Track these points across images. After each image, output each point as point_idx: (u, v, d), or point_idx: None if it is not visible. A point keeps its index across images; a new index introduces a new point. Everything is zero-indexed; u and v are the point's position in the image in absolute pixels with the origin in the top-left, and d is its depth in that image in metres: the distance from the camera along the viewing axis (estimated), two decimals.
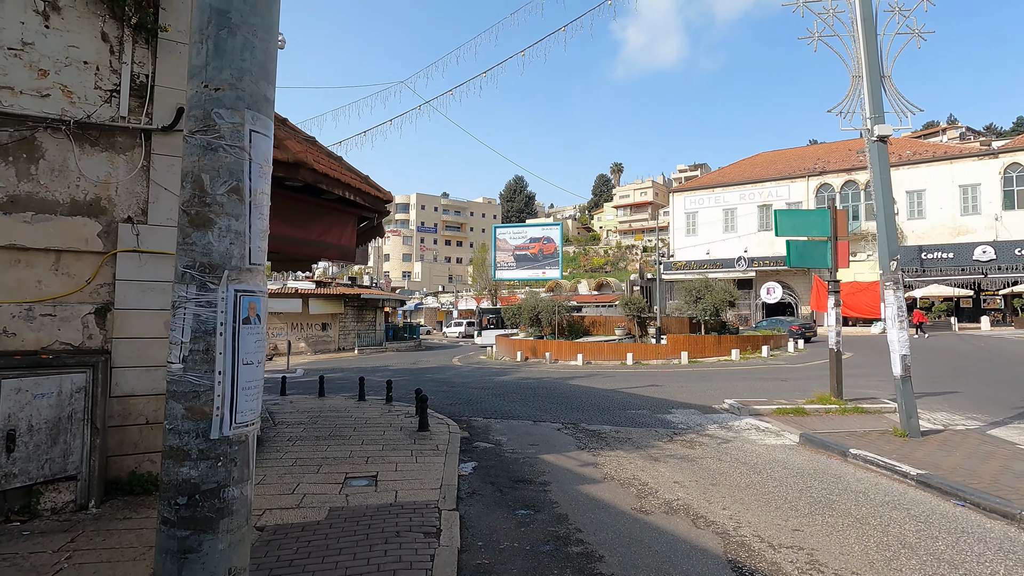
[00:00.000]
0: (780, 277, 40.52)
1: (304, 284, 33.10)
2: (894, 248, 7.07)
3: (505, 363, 22.95)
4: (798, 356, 21.06)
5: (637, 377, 16.49)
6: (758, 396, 11.77)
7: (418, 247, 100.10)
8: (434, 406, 11.35)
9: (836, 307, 9.81)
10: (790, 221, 9.80)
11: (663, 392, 12.85)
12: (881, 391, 11.97)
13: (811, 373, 16.16)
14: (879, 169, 7.18)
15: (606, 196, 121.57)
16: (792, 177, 42.27)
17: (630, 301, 22.76)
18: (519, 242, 55.71)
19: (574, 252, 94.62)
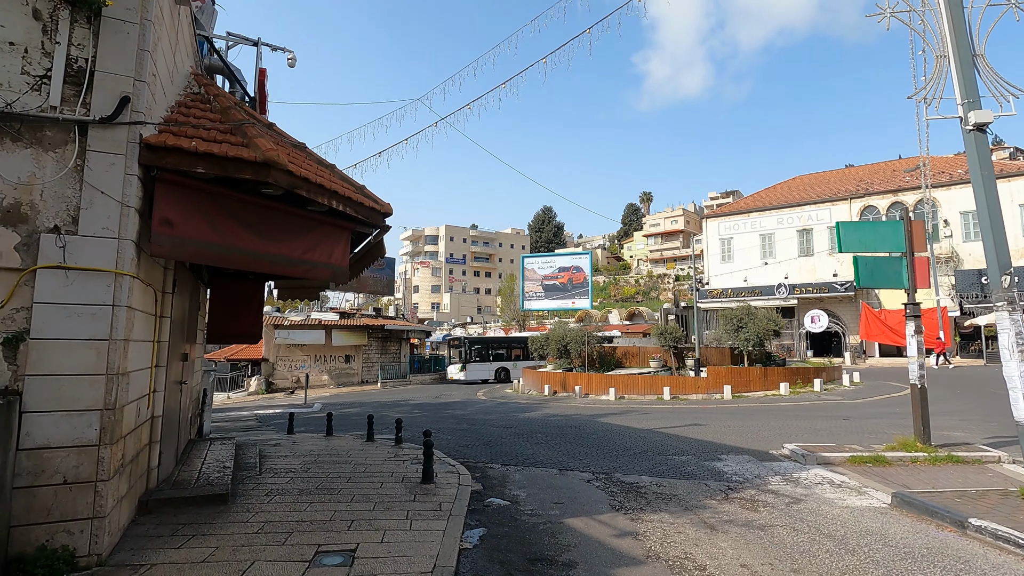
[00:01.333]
0: (824, 305, 38.23)
1: (328, 315, 32.60)
2: (1005, 260, 5.67)
3: (532, 398, 21.57)
4: (855, 391, 19.07)
5: (676, 414, 14.92)
6: (821, 439, 10.15)
7: (447, 278, 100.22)
8: (449, 448, 10.15)
9: (917, 335, 8.29)
10: (856, 235, 8.42)
11: (708, 433, 11.32)
12: (967, 433, 10.23)
13: (875, 411, 14.32)
14: (979, 164, 5.85)
15: (636, 225, 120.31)
16: (833, 200, 40.30)
17: (665, 330, 21.24)
18: (548, 272, 54.71)
19: (604, 282, 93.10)
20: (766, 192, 47.66)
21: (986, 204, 5.78)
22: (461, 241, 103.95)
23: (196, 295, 8.69)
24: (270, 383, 29.78)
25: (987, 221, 5.76)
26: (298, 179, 5.11)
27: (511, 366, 31.25)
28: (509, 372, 30.80)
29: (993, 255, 5.69)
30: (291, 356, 30.56)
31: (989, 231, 5.74)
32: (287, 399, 25.94)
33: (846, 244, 8.42)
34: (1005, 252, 5.71)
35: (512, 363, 31.41)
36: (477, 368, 30.90)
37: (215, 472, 6.45)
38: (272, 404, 23.17)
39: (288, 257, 5.73)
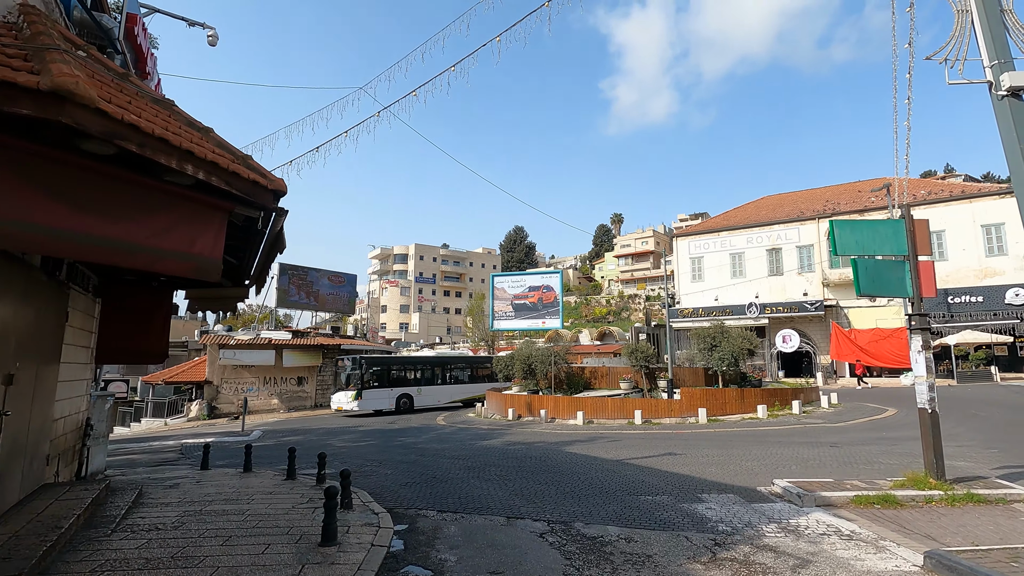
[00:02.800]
0: (795, 324, 37.80)
1: (279, 334, 30.43)
2: None
3: (495, 423, 19.96)
4: (835, 413, 18.06)
5: (648, 441, 13.55)
6: (814, 472, 8.88)
7: (416, 298, 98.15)
8: (382, 488, 8.53)
9: (925, 351, 7.12)
10: (852, 235, 7.27)
11: (685, 465, 9.95)
12: (972, 463, 9.11)
13: (863, 436, 13.21)
14: (1017, 137, 4.73)
15: (607, 246, 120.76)
16: (801, 219, 40.27)
17: (636, 349, 20.00)
18: (518, 291, 53.46)
19: (575, 302, 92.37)
20: (735, 211, 47.62)
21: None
22: (431, 260, 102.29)
23: (56, 301, 6.97)
24: (213, 408, 27.39)
25: None
26: (120, 125, 3.59)
27: (415, 392, 26.03)
28: (412, 400, 25.78)
29: None
30: (238, 378, 28.25)
31: None
32: (229, 425, 23.68)
33: (842, 246, 7.26)
34: None
35: (417, 388, 26.24)
36: (376, 396, 24.90)
37: (32, 537, 4.74)
38: (209, 432, 20.96)
39: (125, 242, 4.17)
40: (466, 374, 29.27)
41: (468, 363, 30.75)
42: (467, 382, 28.79)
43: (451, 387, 27.93)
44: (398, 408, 25.17)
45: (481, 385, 28.15)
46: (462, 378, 28.89)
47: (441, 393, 27.32)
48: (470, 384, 28.70)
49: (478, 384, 28.58)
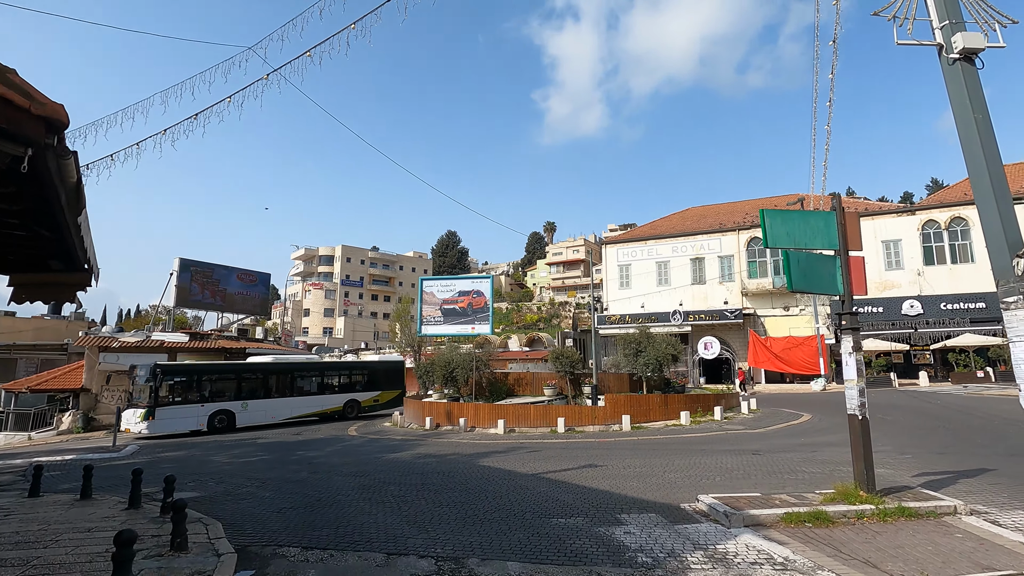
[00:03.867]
0: (716, 332, 38.85)
1: (174, 336, 27.34)
2: (1015, 236, 3.95)
3: (411, 433, 18.53)
4: (755, 419, 18.09)
5: (570, 451, 12.69)
6: (738, 483, 8.27)
7: (342, 301, 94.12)
8: (249, 515, 7.07)
9: (856, 352, 6.62)
10: (784, 226, 6.69)
11: (605, 478, 9.10)
12: (892, 470, 8.84)
13: (784, 442, 13.00)
14: (970, 106, 4.17)
15: (539, 254, 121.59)
16: (723, 230, 41.63)
17: (561, 355, 19.27)
18: (447, 295, 51.95)
19: (507, 308, 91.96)
20: (662, 221, 48.68)
21: (984, 161, 4.09)
22: (359, 263, 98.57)
23: None
24: (90, 419, 24.05)
25: (986, 184, 4.06)
26: None
27: (239, 407, 21.01)
28: (234, 418, 20.82)
29: (998, 227, 3.96)
30: (122, 386, 24.99)
31: (991, 196, 4.03)
32: (105, 439, 20.70)
33: (773, 238, 6.66)
34: (1014, 225, 3.99)
35: (242, 402, 21.15)
36: (178, 414, 19.74)
37: None
38: (76, 448, 18.11)
39: None
40: (321, 382, 24.07)
41: (323, 369, 25.07)
42: (320, 392, 23.72)
43: (295, 400, 22.65)
44: (212, 428, 20.17)
45: (343, 396, 24.24)
46: (311, 388, 23.61)
47: (279, 408, 22.16)
48: (328, 395, 23.90)
49: (342, 394, 24.33)
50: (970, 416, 16.31)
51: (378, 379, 26.42)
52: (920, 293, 34.40)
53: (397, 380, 27.67)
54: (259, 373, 22.72)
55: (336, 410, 23.90)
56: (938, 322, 33.31)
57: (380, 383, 26.33)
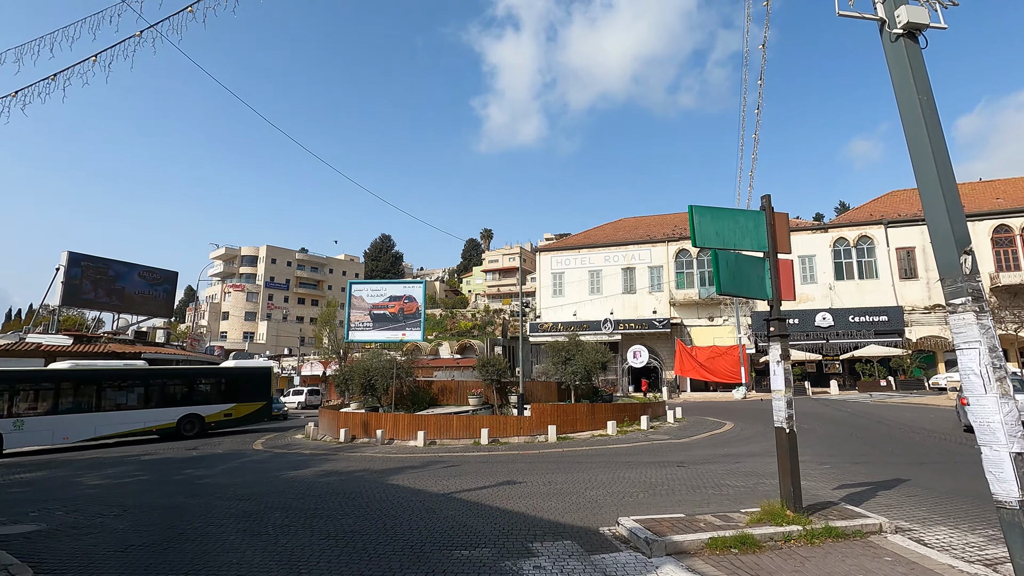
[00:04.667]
0: (645, 341, 39.44)
1: (55, 339, 24.20)
2: (962, 232, 3.54)
3: (323, 446, 17.07)
4: (680, 428, 18.02)
5: (490, 466, 11.86)
6: (662, 500, 7.73)
7: (266, 305, 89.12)
8: (85, 555, 5.76)
9: (784, 361, 6.21)
10: (713, 224, 6.21)
11: (523, 496, 8.33)
12: (813, 482, 8.62)
13: (708, 453, 12.78)
14: (914, 86, 3.76)
15: (476, 261, 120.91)
16: (653, 241, 42.52)
17: (488, 362, 18.48)
18: (378, 300, 49.95)
19: (441, 315, 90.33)
20: (596, 231, 49.20)
21: (929, 146, 3.67)
22: (285, 264, 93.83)
23: None
24: None
25: (932, 172, 3.64)
26: None
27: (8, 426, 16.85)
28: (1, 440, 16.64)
29: (944, 220, 3.53)
30: None
31: (936, 185, 3.61)
32: None
33: (701, 236, 6.16)
34: (961, 217, 3.57)
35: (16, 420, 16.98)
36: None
37: None
38: None
39: None
40: (145, 393, 19.68)
41: (148, 377, 20.16)
42: (142, 405, 19.45)
43: (101, 416, 18.37)
44: None
45: (177, 410, 20.08)
46: (129, 400, 19.38)
47: (75, 426, 17.81)
48: (154, 408, 19.64)
49: (176, 408, 20.15)
50: (878, 424, 16.93)
51: (232, 389, 21.83)
52: (831, 306, 36.40)
53: (260, 390, 22.82)
54: (44, 382, 18.07)
55: (167, 428, 19.72)
56: (847, 334, 35.33)
57: (235, 393, 21.77)
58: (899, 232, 36.89)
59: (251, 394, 22.40)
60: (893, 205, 40.29)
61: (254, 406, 22.38)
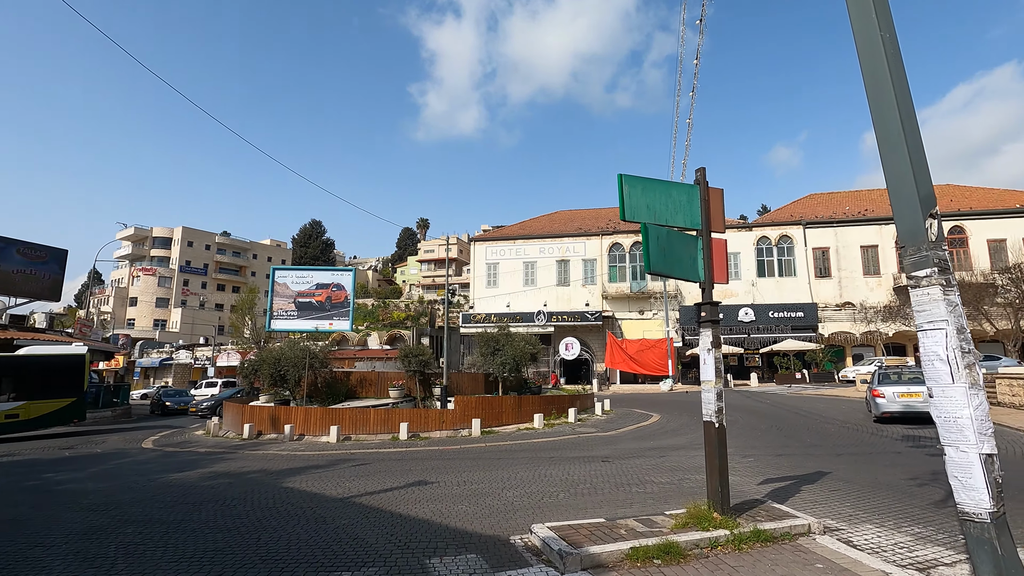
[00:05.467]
0: (577, 333, 39.49)
1: None
2: (927, 190, 2.98)
3: (223, 443, 15.44)
4: (607, 420, 17.73)
5: (406, 463, 10.90)
6: (583, 500, 7.09)
7: (180, 290, 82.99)
8: None
9: (715, 350, 5.68)
10: (644, 197, 5.57)
11: (432, 499, 7.46)
12: (737, 476, 8.27)
13: (633, 446, 12.40)
14: (877, 19, 3.15)
15: (411, 250, 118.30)
16: (588, 234, 42.61)
17: (410, 353, 17.40)
18: (304, 288, 47.20)
19: (373, 305, 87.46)
20: (531, 222, 48.81)
21: (892, 90, 3.11)
22: (204, 248, 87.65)
23: None
24: None
25: (895, 121, 3.08)
26: None
27: None
28: None
29: (908, 177, 2.97)
30: None
31: (900, 137, 3.04)
32: None
33: (631, 208, 5.50)
34: (926, 175, 3.01)
35: None
36: None
37: None
38: None
39: None
40: None
41: None
42: None
43: None
44: None
45: None
46: None
47: None
48: None
49: None
50: (796, 415, 17.34)
51: (22, 382, 17.33)
52: (753, 302, 37.82)
53: (69, 384, 18.54)
54: None
55: None
56: (767, 328, 36.81)
57: (26, 388, 17.27)
58: (815, 233, 38.82)
59: (52, 389, 17.84)
60: (811, 207, 42.41)
61: (56, 404, 17.67)
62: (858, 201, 42.82)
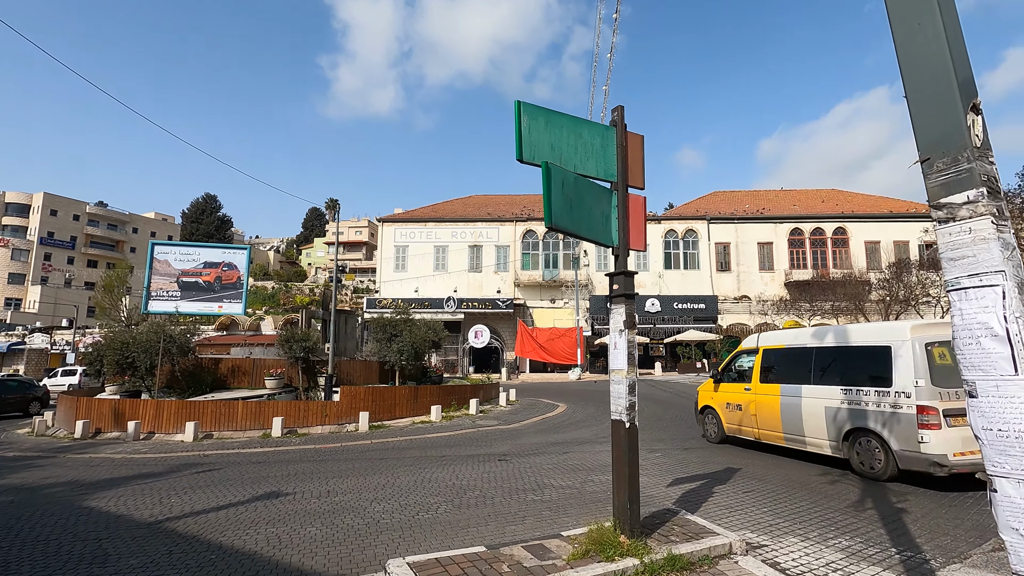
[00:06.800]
0: (488, 321, 38.38)
1: None
2: (967, 75, 1.91)
3: (48, 443, 12.61)
4: (511, 411, 16.67)
5: (266, 468, 9.08)
6: (469, 519, 5.79)
7: (40, 265, 72.62)
8: None
9: (628, 331, 4.55)
10: (548, 133, 4.30)
11: (274, 521, 5.83)
12: (647, 476, 7.37)
13: (535, 441, 11.34)
14: None
15: (319, 232, 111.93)
16: (502, 220, 41.52)
17: (292, 338, 15.27)
18: (188, 266, 42.22)
19: (274, 288, 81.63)
20: (444, 205, 46.97)
21: None
22: (72, 218, 77.22)
23: None
24: None
25: None
26: None
27: None
28: None
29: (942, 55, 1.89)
30: None
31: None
32: None
33: (531, 146, 4.20)
34: (963, 54, 1.94)
35: None
36: None
37: None
38: None
39: None
40: None
41: None
42: None
43: None
44: None
45: None
46: None
47: None
48: None
49: None
50: None
51: None
52: (660, 293, 38.62)
53: None
54: None
55: None
56: (671, 319, 37.73)
57: None
58: (718, 228, 40.28)
59: None
60: (715, 204, 44.05)
61: None
62: (756, 200, 45.08)
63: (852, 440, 7.33)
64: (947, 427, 6.37)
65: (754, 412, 9.00)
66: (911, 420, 6.55)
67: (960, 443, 6.32)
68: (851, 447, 7.34)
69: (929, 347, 6.76)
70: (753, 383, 9.14)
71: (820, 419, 7.74)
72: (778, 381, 8.65)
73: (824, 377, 7.87)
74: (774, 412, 8.57)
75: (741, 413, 9.34)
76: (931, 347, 6.76)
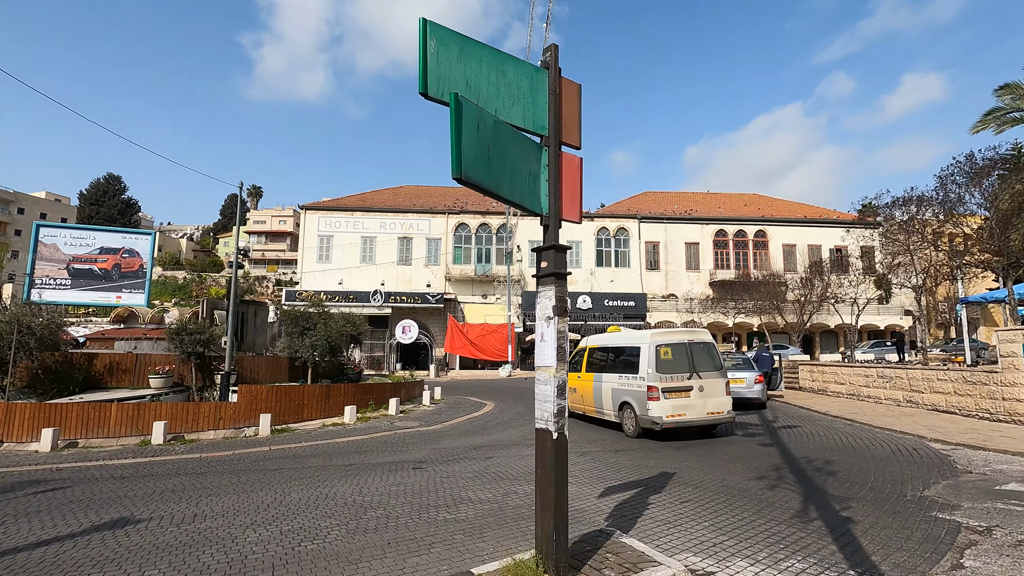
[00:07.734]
0: (417, 316, 36.93)
1: None
2: None
3: None
4: (435, 411, 15.58)
5: (129, 485, 7.54)
6: (360, 551, 4.72)
7: None
8: None
9: (559, 318, 3.68)
10: (461, 62, 3.35)
11: (108, 560, 4.52)
12: (576, 485, 6.61)
13: (457, 445, 10.36)
14: None
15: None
16: (433, 212, 40.13)
17: (183, 329, 13.41)
18: (82, 251, 37.78)
19: (186, 279, 75.70)
20: (373, 194, 44.88)
21: None
22: None
23: None
24: None
25: None
26: None
27: None
28: None
29: None
30: None
31: None
32: None
33: (438, 76, 3.22)
34: None
35: None
36: None
37: None
38: None
39: None
40: None
41: None
42: None
43: None
44: None
45: None
46: None
47: None
48: None
49: None
50: None
51: None
52: (591, 290, 38.68)
53: None
54: None
55: None
56: (602, 316, 37.83)
57: None
58: (649, 227, 40.90)
59: None
60: (646, 204, 44.78)
61: None
62: (685, 202, 46.26)
63: (621, 409, 10.71)
64: (663, 399, 9.68)
65: (581, 393, 12.25)
66: (644, 395, 9.88)
67: (671, 409, 9.70)
68: (621, 414, 10.73)
69: (658, 347, 9.95)
70: (582, 372, 12.35)
71: (610, 397, 11.10)
72: (592, 371, 11.96)
73: (613, 367, 11.23)
74: (590, 393, 11.90)
75: (576, 395, 12.48)
76: (659, 347, 9.95)
